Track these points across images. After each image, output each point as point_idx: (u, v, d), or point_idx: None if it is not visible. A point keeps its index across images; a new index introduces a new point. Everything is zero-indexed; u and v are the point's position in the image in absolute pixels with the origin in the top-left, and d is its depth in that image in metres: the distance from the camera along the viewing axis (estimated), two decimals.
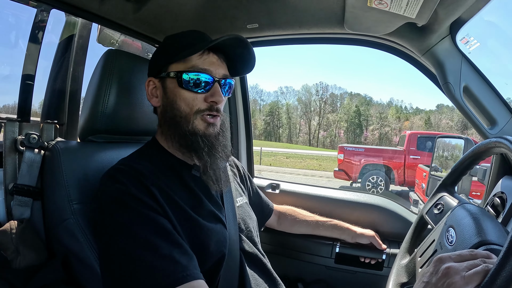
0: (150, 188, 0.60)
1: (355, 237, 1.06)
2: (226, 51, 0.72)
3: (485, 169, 0.90)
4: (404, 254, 0.75)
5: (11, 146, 0.75)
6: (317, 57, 57.92)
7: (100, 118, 0.74)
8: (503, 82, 10.34)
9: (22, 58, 0.98)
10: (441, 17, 0.79)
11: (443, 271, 0.45)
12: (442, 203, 0.72)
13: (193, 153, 0.67)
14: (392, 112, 34.59)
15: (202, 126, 0.67)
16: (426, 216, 0.76)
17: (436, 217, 0.71)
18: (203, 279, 0.55)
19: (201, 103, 0.67)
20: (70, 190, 0.67)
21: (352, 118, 34.80)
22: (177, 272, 0.52)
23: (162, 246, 0.54)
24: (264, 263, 0.77)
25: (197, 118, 0.67)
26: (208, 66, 0.67)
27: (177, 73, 0.67)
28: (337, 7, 0.89)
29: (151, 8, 0.93)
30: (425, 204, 0.80)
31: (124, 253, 0.53)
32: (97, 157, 0.75)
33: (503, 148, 0.58)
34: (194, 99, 0.67)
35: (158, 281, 0.51)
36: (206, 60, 0.68)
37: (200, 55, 0.68)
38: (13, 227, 0.69)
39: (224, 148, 0.70)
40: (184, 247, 0.57)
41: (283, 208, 1.14)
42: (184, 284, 0.51)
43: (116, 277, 0.53)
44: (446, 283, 0.43)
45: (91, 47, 1.16)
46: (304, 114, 35.25)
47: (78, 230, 0.65)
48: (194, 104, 0.66)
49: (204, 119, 0.67)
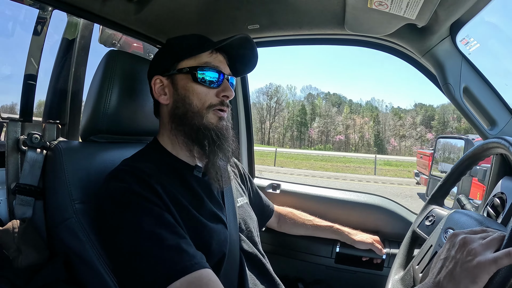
0: (154, 186, 0.60)
1: (353, 243, 1.07)
2: (229, 51, 0.74)
3: (485, 170, 0.91)
4: (398, 269, 0.75)
5: (14, 146, 0.76)
6: (305, 59, 58.73)
7: (102, 118, 0.74)
8: (503, 83, 10.32)
9: (24, 59, 0.99)
10: (441, 18, 0.79)
11: (460, 242, 0.45)
12: (433, 214, 0.74)
13: (203, 147, 0.68)
14: (347, 110, 36.15)
15: (215, 120, 0.69)
16: (418, 230, 0.76)
17: (429, 228, 0.72)
18: (210, 269, 0.56)
19: (213, 98, 0.69)
20: (72, 190, 0.67)
21: (297, 116, 36.25)
22: (185, 261, 0.53)
23: (168, 237, 0.55)
24: (264, 263, 0.78)
25: (210, 112, 0.69)
26: (218, 63, 0.71)
27: (190, 68, 0.69)
28: (338, 8, 0.90)
29: (152, 9, 0.94)
30: (415, 219, 0.80)
31: (131, 247, 0.54)
32: (99, 157, 0.75)
33: (501, 149, 0.58)
34: (207, 94, 0.69)
35: (167, 271, 0.51)
36: (216, 59, 0.71)
37: (210, 54, 0.71)
38: (15, 226, 0.70)
39: (232, 142, 0.73)
40: (189, 239, 0.58)
41: (284, 210, 1.14)
42: (193, 273, 0.52)
43: (125, 271, 0.54)
44: (466, 251, 0.43)
45: (92, 47, 1.17)
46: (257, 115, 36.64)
47: (80, 230, 0.65)
48: (207, 99, 0.69)
49: (216, 113, 0.69)
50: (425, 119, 33.01)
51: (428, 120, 32.96)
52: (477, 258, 0.42)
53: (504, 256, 0.40)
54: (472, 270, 0.42)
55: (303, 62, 59.36)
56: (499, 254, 0.40)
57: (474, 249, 0.43)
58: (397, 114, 34.35)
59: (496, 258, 0.40)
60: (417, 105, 34.67)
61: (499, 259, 0.40)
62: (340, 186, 2.88)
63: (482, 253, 0.42)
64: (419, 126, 32.80)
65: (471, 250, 0.43)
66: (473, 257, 0.42)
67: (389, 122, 34.04)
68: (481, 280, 0.41)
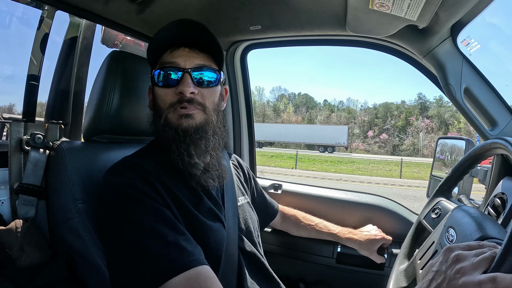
0: (153, 182, 0.61)
1: (358, 249, 1.06)
2: (188, 41, 0.69)
3: (486, 170, 0.91)
4: (403, 260, 0.76)
5: (17, 146, 0.76)
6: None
7: (105, 118, 0.75)
8: (504, 84, 10.31)
9: (27, 59, 0.99)
10: (442, 19, 0.79)
11: (453, 259, 0.45)
12: (440, 207, 0.73)
13: (173, 146, 0.65)
14: (290, 109, 39.82)
15: (175, 118, 0.66)
16: (424, 221, 0.76)
17: (434, 221, 0.72)
18: (208, 265, 0.56)
19: (173, 96, 0.66)
20: (74, 190, 0.68)
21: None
22: (184, 257, 0.53)
23: (167, 234, 0.55)
24: (263, 263, 0.78)
25: (170, 111, 0.66)
26: (175, 59, 0.67)
27: (152, 74, 0.69)
28: (339, 10, 0.90)
29: (154, 10, 0.94)
30: (422, 210, 0.81)
31: (130, 242, 0.54)
32: (101, 156, 0.76)
33: (501, 149, 0.58)
34: (167, 94, 0.67)
35: (166, 267, 0.52)
36: (175, 54, 0.68)
37: (170, 52, 0.68)
38: (18, 226, 0.70)
39: (209, 142, 0.68)
40: (188, 235, 0.58)
41: (288, 211, 1.14)
42: (191, 269, 0.52)
43: (123, 266, 0.54)
44: (456, 269, 0.44)
45: (94, 47, 1.18)
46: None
47: (83, 229, 0.65)
48: (167, 99, 0.67)
49: (177, 111, 0.66)
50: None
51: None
52: (463, 278, 0.42)
53: (488, 280, 0.40)
54: None
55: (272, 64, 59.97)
56: (484, 278, 0.40)
57: (464, 268, 0.43)
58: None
59: (480, 282, 0.40)
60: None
61: (483, 283, 0.40)
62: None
63: (470, 273, 0.42)
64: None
65: (460, 269, 0.43)
66: (460, 276, 0.43)
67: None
68: None
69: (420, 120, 33.77)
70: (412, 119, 34.21)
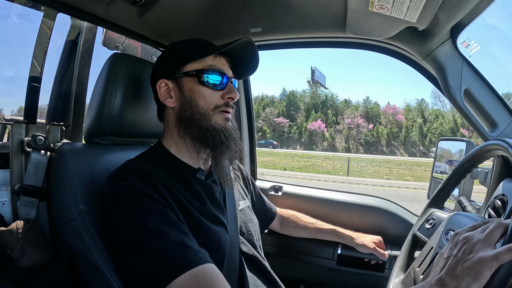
0: (156, 185, 0.61)
1: (356, 247, 1.06)
2: (231, 54, 0.75)
3: (486, 172, 0.91)
4: (399, 272, 0.75)
5: (18, 147, 0.77)
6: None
7: (106, 120, 0.75)
8: (504, 85, 10.32)
9: (29, 61, 1.00)
10: (442, 21, 0.80)
11: (462, 241, 0.46)
12: (434, 217, 0.74)
13: (212, 148, 0.69)
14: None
15: (222, 121, 0.70)
16: (418, 233, 0.76)
17: (429, 231, 0.72)
18: (213, 263, 0.56)
19: (218, 99, 0.71)
20: (76, 191, 0.68)
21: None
22: (189, 255, 0.54)
23: (171, 233, 0.55)
24: (264, 265, 0.78)
25: (216, 113, 0.70)
26: (221, 66, 0.72)
27: (196, 71, 0.70)
28: (339, 12, 0.90)
29: (156, 12, 0.95)
30: (415, 222, 0.81)
31: (135, 243, 0.54)
32: (102, 158, 0.76)
33: (501, 150, 0.59)
34: (212, 96, 0.70)
35: (172, 265, 0.52)
36: (219, 62, 0.73)
37: (214, 57, 0.72)
38: (19, 227, 0.70)
39: (239, 142, 0.74)
40: (192, 236, 0.59)
41: (286, 213, 1.14)
42: (197, 267, 0.53)
43: (130, 268, 0.55)
44: (468, 249, 0.44)
45: (96, 49, 1.18)
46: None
47: (84, 231, 0.65)
48: (212, 100, 0.70)
49: (222, 114, 0.71)
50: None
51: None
52: (478, 255, 0.42)
53: (505, 251, 0.40)
54: (473, 267, 0.42)
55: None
56: (501, 250, 0.40)
57: (476, 245, 0.43)
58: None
59: (497, 254, 0.40)
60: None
61: (501, 255, 0.40)
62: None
63: (483, 249, 0.42)
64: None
65: (472, 248, 0.43)
66: (475, 254, 0.42)
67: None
68: (483, 276, 0.41)
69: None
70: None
